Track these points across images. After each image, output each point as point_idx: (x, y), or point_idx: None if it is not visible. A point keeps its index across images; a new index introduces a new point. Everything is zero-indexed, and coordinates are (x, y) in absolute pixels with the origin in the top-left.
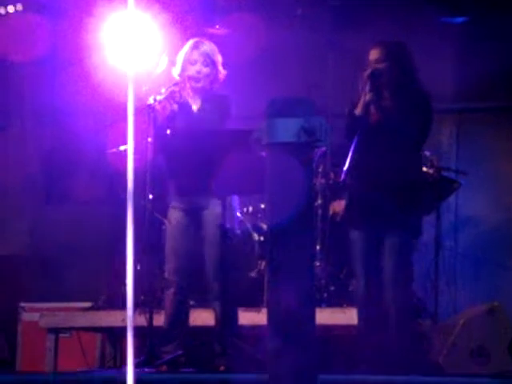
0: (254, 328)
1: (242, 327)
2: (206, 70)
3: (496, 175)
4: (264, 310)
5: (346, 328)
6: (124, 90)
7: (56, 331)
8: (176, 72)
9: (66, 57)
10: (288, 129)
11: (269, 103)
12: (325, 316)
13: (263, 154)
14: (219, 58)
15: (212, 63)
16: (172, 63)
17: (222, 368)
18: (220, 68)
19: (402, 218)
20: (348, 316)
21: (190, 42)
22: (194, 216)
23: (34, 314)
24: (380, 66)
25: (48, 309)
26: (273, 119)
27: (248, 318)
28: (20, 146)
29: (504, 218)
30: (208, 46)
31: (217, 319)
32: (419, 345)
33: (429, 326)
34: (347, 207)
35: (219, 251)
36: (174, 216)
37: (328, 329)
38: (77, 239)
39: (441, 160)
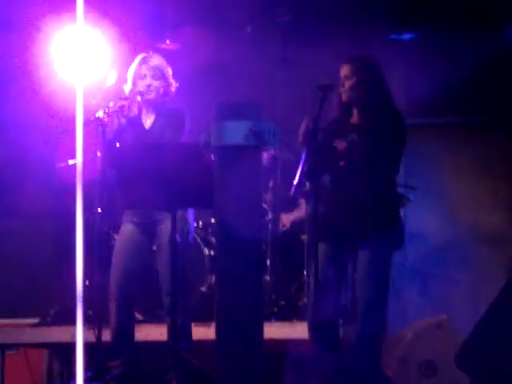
0: (204, 342)
1: (193, 342)
2: (156, 83)
3: (445, 190)
4: (214, 325)
5: (295, 342)
6: (73, 104)
7: (2, 347)
8: (127, 88)
9: (16, 70)
10: (236, 132)
11: (217, 106)
12: (274, 330)
13: (212, 156)
14: (169, 71)
15: (162, 76)
16: (121, 78)
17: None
18: (171, 81)
19: (366, 231)
20: (297, 330)
21: (139, 57)
22: (146, 230)
23: None
24: (348, 82)
25: None
26: (221, 122)
27: (198, 332)
28: None
29: (453, 234)
30: (157, 60)
31: (168, 334)
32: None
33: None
34: (309, 220)
35: (170, 264)
36: (126, 229)
37: (277, 343)
38: (25, 254)
39: None
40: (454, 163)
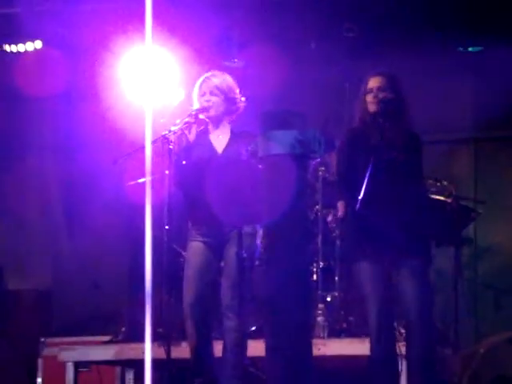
0: None
1: (261, 358)
2: (214, 99)
3: None
4: None
5: (365, 358)
6: (141, 123)
7: (75, 365)
8: (193, 107)
9: (85, 91)
10: (282, 141)
11: (262, 116)
12: (344, 347)
13: (260, 166)
14: (233, 88)
15: (222, 93)
16: (189, 96)
17: None
18: (234, 96)
19: (414, 245)
20: (367, 347)
21: (202, 77)
22: (214, 247)
23: (54, 348)
24: (381, 94)
25: (67, 343)
26: (267, 132)
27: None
28: (39, 179)
29: None
30: (218, 78)
31: (225, 350)
32: (439, 373)
33: (449, 354)
34: (353, 237)
35: (236, 281)
36: (193, 248)
37: (347, 360)
38: (97, 272)
39: (459, 189)
40: None
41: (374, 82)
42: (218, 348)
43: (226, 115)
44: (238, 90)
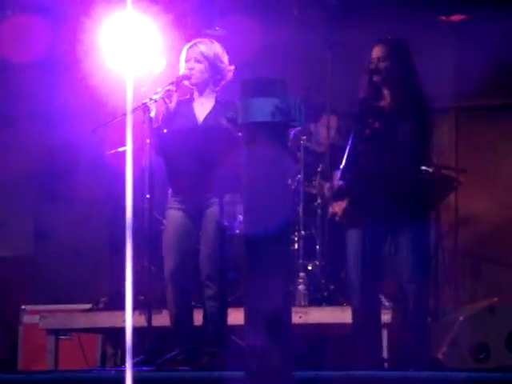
0: None
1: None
2: (198, 66)
3: (497, 173)
4: None
5: (346, 326)
6: (122, 91)
7: (56, 333)
8: (178, 74)
9: (65, 58)
10: (263, 108)
11: (243, 84)
12: (325, 315)
13: (239, 134)
14: (220, 56)
15: (207, 60)
16: (171, 65)
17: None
18: (222, 66)
19: (406, 213)
20: (347, 314)
21: (189, 44)
22: (193, 215)
23: (34, 315)
24: (380, 63)
25: (48, 310)
26: (247, 99)
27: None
28: (19, 147)
29: (504, 217)
30: (205, 45)
31: (205, 319)
32: (420, 341)
33: (429, 322)
34: (349, 206)
35: (215, 249)
36: (173, 216)
37: (328, 327)
38: (77, 240)
39: (440, 158)
40: (505, 145)
41: (374, 52)
42: (198, 317)
43: (211, 83)
44: (226, 59)
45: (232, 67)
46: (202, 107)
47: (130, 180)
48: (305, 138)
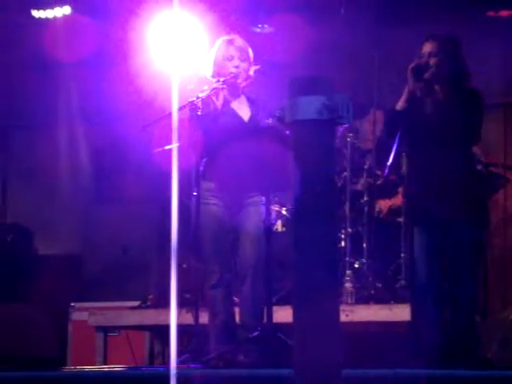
0: None
1: (289, 325)
2: (243, 64)
3: None
4: None
5: (393, 325)
6: (169, 89)
7: (105, 330)
8: (212, 72)
9: (113, 57)
10: (310, 106)
11: (290, 82)
12: (372, 313)
13: (287, 132)
14: (251, 54)
15: (247, 58)
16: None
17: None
18: (252, 64)
19: (465, 211)
20: (395, 313)
21: (223, 39)
22: (231, 212)
23: (83, 313)
24: (430, 59)
25: (97, 308)
26: (295, 97)
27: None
28: (69, 146)
29: None
30: (242, 41)
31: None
32: (470, 340)
33: (479, 321)
34: (405, 204)
35: (259, 247)
36: (211, 212)
37: (376, 325)
38: (125, 238)
39: (488, 155)
40: None
41: (424, 48)
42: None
43: (245, 81)
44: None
45: (258, 66)
46: (240, 106)
47: (176, 178)
48: (351, 135)
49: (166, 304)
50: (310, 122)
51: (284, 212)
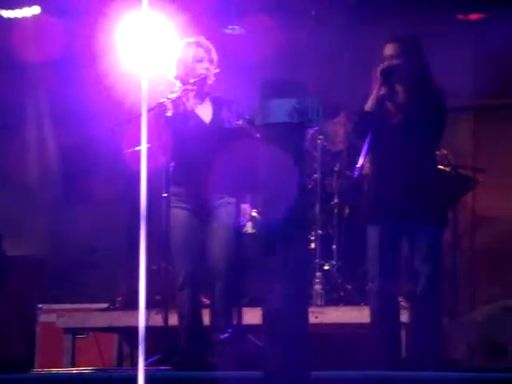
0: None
1: (259, 326)
2: (211, 66)
3: None
4: None
5: (363, 326)
6: (139, 90)
7: (73, 332)
8: (177, 74)
9: (82, 58)
10: (280, 109)
11: (261, 85)
12: (341, 314)
13: (257, 135)
14: (216, 56)
15: (213, 60)
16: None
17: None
18: (216, 66)
19: (423, 212)
20: (365, 314)
21: (190, 41)
22: (200, 215)
23: (51, 314)
24: (395, 61)
25: (65, 310)
26: (265, 101)
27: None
28: (38, 147)
29: None
30: (209, 45)
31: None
32: (435, 341)
33: (446, 323)
34: (365, 203)
35: (228, 249)
36: (179, 216)
37: (345, 327)
38: (94, 240)
39: (458, 158)
40: None
41: (386, 50)
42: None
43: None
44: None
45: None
46: (202, 107)
47: (145, 179)
48: (322, 137)
49: (135, 306)
50: (281, 124)
51: (254, 214)
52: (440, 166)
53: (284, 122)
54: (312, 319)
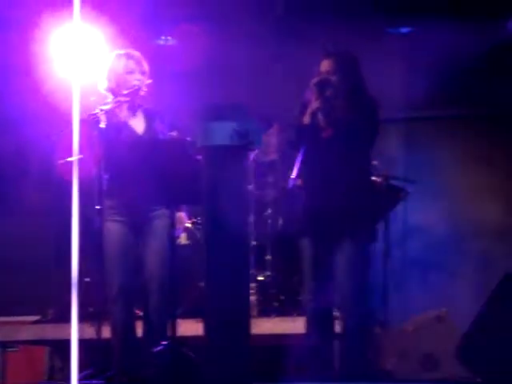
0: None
1: (192, 338)
2: (144, 78)
3: (445, 183)
4: None
5: (297, 337)
6: (71, 101)
7: (3, 345)
8: (108, 85)
9: (15, 67)
10: (222, 132)
11: (203, 108)
12: (274, 325)
13: (198, 157)
14: (147, 67)
15: (145, 72)
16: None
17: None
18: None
19: (354, 224)
20: (298, 325)
21: (121, 53)
22: (134, 227)
23: None
24: (329, 76)
25: None
26: (207, 123)
27: (198, 328)
28: None
29: (453, 227)
30: (139, 55)
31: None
32: (369, 352)
33: (378, 333)
34: (297, 216)
35: (164, 261)
36: (113, 229)
37: (278, 338)
38: (25, 251)
39: (389, 168)
40: (453, 156)
41: (322, 66)
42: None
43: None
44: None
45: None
46: (135, 119)
47: (77, 190)
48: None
49: (66, 318)
50: (222, 147)
51: (188, 225)
52: (372, 177)
53: (225, 144)
54: None
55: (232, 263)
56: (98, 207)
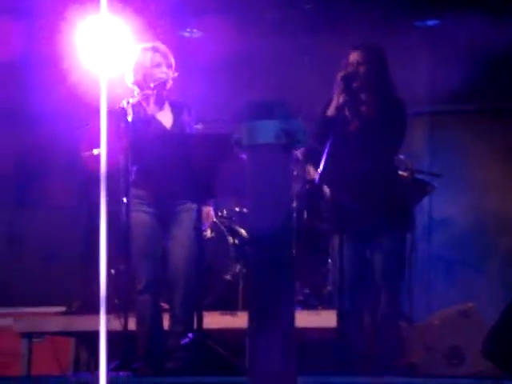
0: (229, 331)
1: (217, 331)
2: (170, 71)
3: (470, 177)
4: (239, 314)
5: (321, 331)
6: (97, 93)
7: (29, 336)
8: (135, 79)
9: (41, 59)
10: (268, 131)
11: (247, 105)
12: (299, 319)
13: (243, 156)
14: (173, 60)
15: (171, 65)
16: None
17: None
18: (174, 71)
19: (387, 218)
20: (323, 318)
21: (147, 46)
22: (162, 219)
23: (7, 318)
24: (358, 69)
25: (22, 314)
26: (253, 121)
27: (224, 321)
28: None
29: (478, 221)
30: (166, 49)
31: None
32: (396, 346)
33: (404, 327)
34: (325, 210)
35: (190, 254)
36: (141, 219)
37: (302, 332)
38: (52, 243)
39: (414, 162)
40: (480, 150)
41: (351, 57)
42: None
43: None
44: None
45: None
46: (162, 112)
47: (104, 183)
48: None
49: (92, 310)
50: (268, 146)
51: (214, 219)
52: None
53: (271, 143)
54: None
55: (275, 264)
56: (124, 199)
